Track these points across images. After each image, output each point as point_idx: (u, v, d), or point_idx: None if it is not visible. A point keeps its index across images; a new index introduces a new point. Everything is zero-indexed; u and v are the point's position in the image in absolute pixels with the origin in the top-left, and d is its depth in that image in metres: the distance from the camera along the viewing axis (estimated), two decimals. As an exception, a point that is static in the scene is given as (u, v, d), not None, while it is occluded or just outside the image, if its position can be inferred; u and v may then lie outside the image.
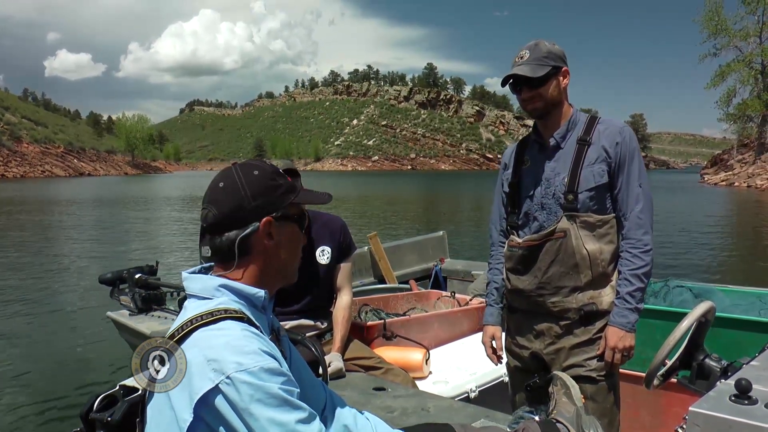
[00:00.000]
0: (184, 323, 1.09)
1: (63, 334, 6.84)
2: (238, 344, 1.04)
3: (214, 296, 1.15)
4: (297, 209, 1.24)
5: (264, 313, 1.22)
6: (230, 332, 1.06)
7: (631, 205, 1.96)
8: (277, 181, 1.21)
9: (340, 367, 2.38)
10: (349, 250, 2.75)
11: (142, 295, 3.40)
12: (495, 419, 1.78)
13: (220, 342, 1.04)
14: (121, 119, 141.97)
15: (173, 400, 1.03)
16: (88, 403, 1.46)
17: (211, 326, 1.07)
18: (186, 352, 1.04)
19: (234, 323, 1.08)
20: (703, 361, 1.61)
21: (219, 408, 1.00)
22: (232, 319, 1.09)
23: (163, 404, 1.05)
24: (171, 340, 1.07)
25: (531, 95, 1.97)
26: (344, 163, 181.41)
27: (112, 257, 12.41)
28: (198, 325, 1.07)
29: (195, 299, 1.16)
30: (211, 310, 1.10)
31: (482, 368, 2.93)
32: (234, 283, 1.17)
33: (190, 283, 1.19)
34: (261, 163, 1.24)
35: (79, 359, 5.89)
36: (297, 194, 1.23)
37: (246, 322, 1.11)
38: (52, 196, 36.01)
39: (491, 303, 2.26)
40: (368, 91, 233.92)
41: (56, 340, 6.61)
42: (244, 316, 1.12)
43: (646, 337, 2.61)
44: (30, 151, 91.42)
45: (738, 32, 47.32)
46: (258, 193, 1.18)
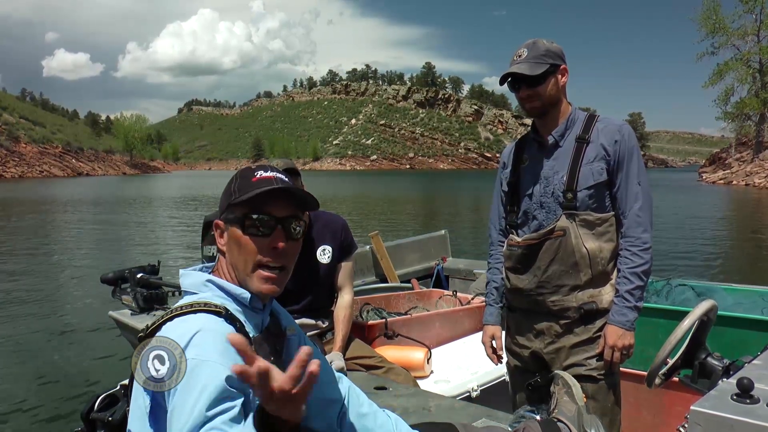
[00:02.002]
0: (163, 314, 1.15)
1: (65, 333, 6.84)
2: (187, 335, 1.06)
3: (200, 291, 1.21)
4: (239, 210, 1.20)
5: (259, 312, 1.25)
6: (190, 324, 1.09)
7: (630, 204, 1.96)
8: (230, 185, 1.25)
9: (341, 366, 2.39)
10: (350, 249, 2.75)
11: (143, 295, 3.40)
12: (496, 418, 1.78)
13: (177, 333, 1.07)
14: (120, 119, 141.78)
15: (135, 388, 1.09)
16: (89, 403, 1.47)
17: (182, 317, 1.11)
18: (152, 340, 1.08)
19: (204, 316, 1.11)
20: (705, 360, 1.61)
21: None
22: (207, 312, 1.12)
23: (138, 393, 1.10)
24: (148, 332, 1.12)
25: (529, 93, 1.97)
26: (343, 162, 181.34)
27: (114, 257, 12.38)
28: (172, 316, 1.12)
29: (187, 295, 1.22)
30: (190, 302, 1.15)
31: (484, 367, 2.93)
32: (219, 280, 1.21)
33: (184, 279, 1.25)
34: (244, 169, 1.27)
35: (80, 359, 5.89)
36: (239, 195, 1.20)
37: (225, 317, 1.13)
38: (51, 197, 35.93)
39: (491, 302, 2.26)
40: (366, 90, 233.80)
41: (58, 339, 6.60)
42: (222, 311, 1.14)
43: (648, 336, 2.61)
44: (28, 151, 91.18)
45: (736, 31, 47.46)
46: (222, 196, 1.26)
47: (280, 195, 1.20)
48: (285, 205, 1.22)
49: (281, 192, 1.20)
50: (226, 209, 1.22)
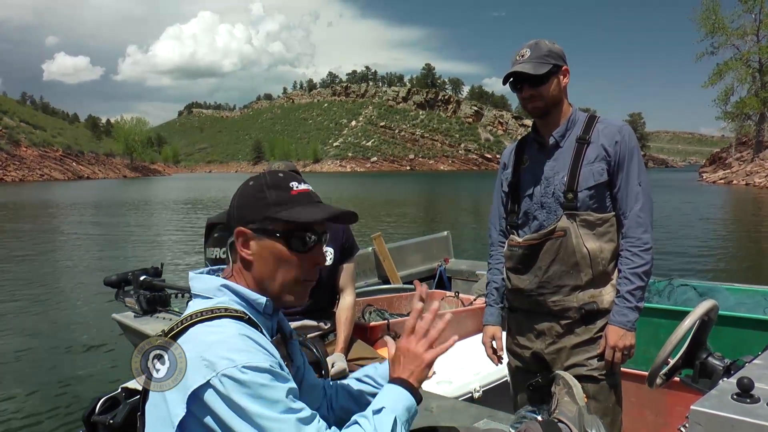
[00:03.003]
0: (183, 319, 1.12)
1: (68, 336, 6.85)
2: (231, 342, 1.05)
3: (215, 296, 1.18)
4: (281, 225, 1.17)
5: (269, 318, 1.24)
6: (225, 329, 1.08)
7: (631, 204, 1.96)
8: (263, 194, 1.19)
9: (343, 367, 2.39)
10: (351, 250, 2.75)
11: (147, 297, 3.40)
12: (498, 419, 1.78)
13: (213, 338, 1.05)
14: (120, 122, 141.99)
15: (167, 395, 1.05)
16: (90, 405, 1.46)
17: (208, 323, 1.09)
18: (182, 346, 1.06)
19: (231, 321, 1.10)
20: (706, 360, 1.61)
21: (209, 403, 1.02)
22: (230, 317, 1.11)
23: (159, 399, 1.07)
24: (167, 336, 1.09)
25: (532, 93, 1.97)
26: (343, 164, 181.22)
27: (117, 260, 12.37)
28: (195, 321, 1.10)
29: (198, 299, 1.19)
30: (211, 308, 1.13)
31: (486, 368, 2.92)
32: (235, 285, 1.19)
33: (195, 283, 1.22)
34: (264, 175, 1.24)
35: (83, 361, 5.90)
36: (281, 210, 1.17)
37: (246, 322, 1.12)
38: (52, 200, 35.96)
39: (491, 303, 2.27)
40: (366, 92, 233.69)
41: (61, 342, 6.61)
42: (244, 315, 1.13)
43: (649, 336, 2.62)
44: (28, 154, 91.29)
45: (735, 30, 47.42)
46: (241, 204, 1.21)
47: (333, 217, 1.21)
48: (324, 220, 1.22)
49: (340, 215, 1.22)
50: (263, 220, 1.18)
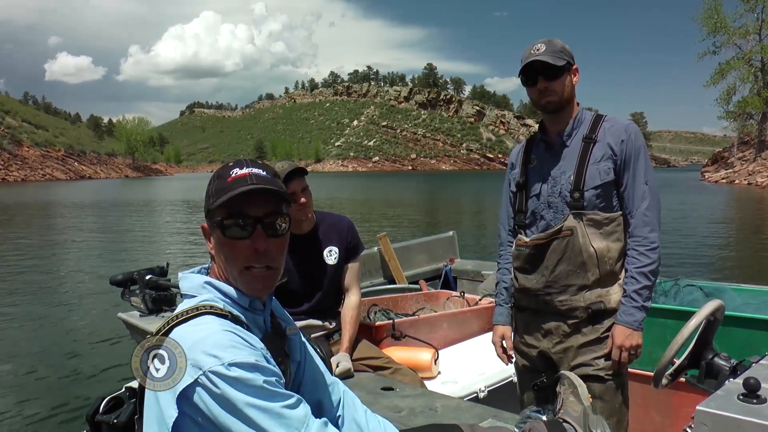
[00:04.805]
0: (169, 320, 1.13)
1: (74, 335, 6.86)
2: (215, 338, 1.06)
3: (200, 293, 1.19)
4: (217, 214, 1.17)
5: (257, 313, 1.24)
6: (208, 326, 1.09)
7: (638, 203, 1.96)
8: (209, 186, 1.21)
9: (348, 367, 2.39)
10: (356, 250, 2.75)
11: (152, 297, 3.39)
12: (503, 419, 1.78)
13: (197, 337, 1.06)
14: (122, 122, 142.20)
15: (159, 396, 1.06)
16: (94, 405, 1.47)
17: (191, 322, 1.10)
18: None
19: (213, 318, 1.11)
20: (712, 360, 1.61)
21: (199, 402, 1.03)
22: (213, 314, 1.12)
23: (152, 399, 1.08)
24: (157, 336, 1.10)
25: (547, 86, 1.97)
26: (345, 164, 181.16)
27: (122, 259, 12.40)
28: (179, 322, 1.11)
29: (186, 298, 1.21)
30: (194, 306, 1.14)
31: (491, 368, 2.92)
32: (217, 282, 1.20)
33: (183, 283, 1.23)
34: (221, 168, 1.23)
35: (89, 360, 5.91)
36: (216, 199, 1.17)
37: (229, 319, 1.13)
38: (55, 200, 36.02)
39: (500, 303, 2.26)
40: (368, 91, 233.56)
41: (67, 341, 6.62)
42: (227, 313, 1.14)
43: (656, 337, 2.61)
44: (31, 154, 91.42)
45: (737, 30, 47.25)
46: (205, 199, 1.23)
47: (255, 193, 1.15)
48: (263, 202, 1.17)
49: (257, 190, 1.15)
50: (207, 213, 1.20)
